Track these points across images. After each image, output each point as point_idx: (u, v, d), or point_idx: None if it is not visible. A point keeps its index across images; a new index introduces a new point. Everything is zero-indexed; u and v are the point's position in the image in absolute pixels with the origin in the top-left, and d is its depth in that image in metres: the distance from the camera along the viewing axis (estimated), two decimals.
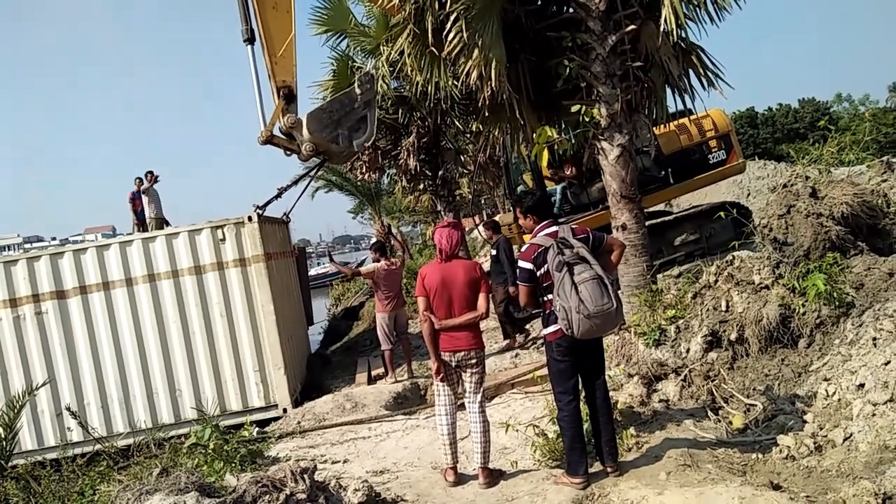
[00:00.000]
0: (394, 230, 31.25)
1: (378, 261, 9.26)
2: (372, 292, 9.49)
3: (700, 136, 11.47)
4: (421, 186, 16.09)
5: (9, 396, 8.37)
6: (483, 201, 33.03)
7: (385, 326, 9.04)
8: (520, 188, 11.84)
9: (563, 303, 4.04)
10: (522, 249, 4.39)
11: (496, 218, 13.96)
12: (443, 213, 15.78)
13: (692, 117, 11.08)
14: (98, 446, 7.21)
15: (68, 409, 8.16)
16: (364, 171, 15.82)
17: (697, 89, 7.79)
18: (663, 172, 11.04)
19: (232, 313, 8.94)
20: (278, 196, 9.89)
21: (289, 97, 8.34)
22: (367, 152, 13.99)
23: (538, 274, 4.27)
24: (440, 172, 15.23)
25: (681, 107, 8.14)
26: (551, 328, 4.31)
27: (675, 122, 10.85)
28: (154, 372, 8.88)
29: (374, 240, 20.09)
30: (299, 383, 9.78)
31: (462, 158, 15.92)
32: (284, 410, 8.69)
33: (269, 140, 8.49)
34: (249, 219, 8.96)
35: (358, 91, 8.68)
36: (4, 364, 8.78)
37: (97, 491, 5.84)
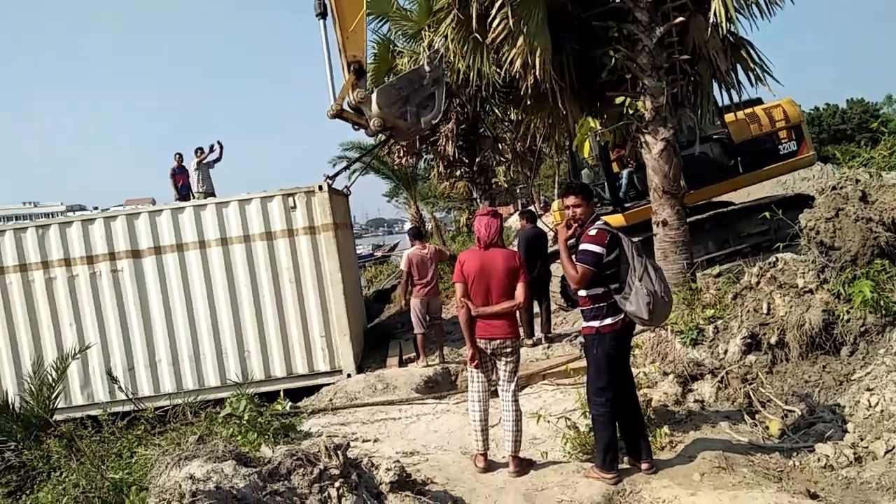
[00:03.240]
0: (426, 213, 31.15)
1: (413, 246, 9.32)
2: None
3: (771, 125, 11.27)
4: (458, 173, 16.08)
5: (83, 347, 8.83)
6: (518, 190, 32.88)
7: (418, 311, 9.07)
8: (584, 171, 11.76)
9: (648, 287, 4.07)
10: (591, 233, 4.24)
11: (530, 207, 13.90)
12: (478, 200, 15.76)
13: (763, 106, 10.90)
14: (160, 405, 7.36)
15: (109, 372, 8.42)
16: (401, 155, 15.85)
17: (745, 85, 7.65)
18: (732, 161, 10.86)
19: (301, 280, 9.21)
20: (346, 168, 10.08)
21: (359, 72, 8.40)
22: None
23: (605, 260, 4.18)
24: (477, 160, 15.21)
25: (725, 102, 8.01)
26: (609, 320, 4.22)
27: (746, 111, 10.68)
28: (224, 333, 9.21)
29: (408, 225, 20.12)
30: (360, 351, 10.00)
31: (500, 146, 15.84)
32: (349, 375, 8.97)
33: (339, 114, 8.59)
34: (320, 188, 9.22)
35: (427, 68, 8.69)
36: (80, 318, 9.15)
37: (135, 453, 6.02)
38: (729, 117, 10.80)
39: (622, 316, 4.20)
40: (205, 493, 3.40)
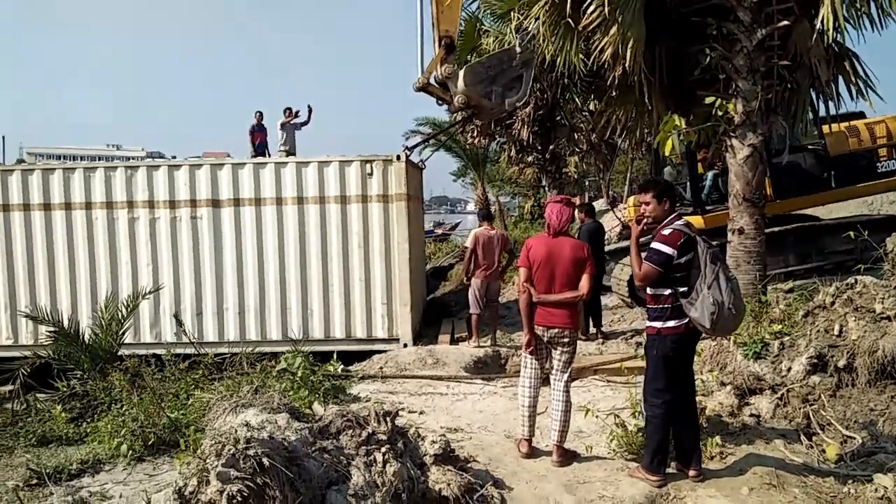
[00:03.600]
0: (491, 196, 31.01)
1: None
2: (462, 256, 9.61)
3: (871, 141, 10.78)
4: (529, 159, 15.94)
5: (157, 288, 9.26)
6: (587, 183, 32.40)
7: (477, 291, 9.10)
8: (666, 169, 11.54)
9: (715, 296, 3.96)
10: (665, 233, 4.16)
11: (590, 202, 13.69)
12: (546, 188, 15.61)
13: (865, 121, 10.43)
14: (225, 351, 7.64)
15: (176, 316, 8.79)
16: (475, 135, 15.80)
17: (844, 97, 7.30)
18: (825, 174, 10.45)
19: (369, 246, 9.42)
20: (426, 141, 10.19)
21: (449, 47, 8.44)
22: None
23: (674, 262, 4.10)
24: (550, 147, 15.02)
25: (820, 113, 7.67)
26: (672, 322, 4.16)
27: (846, 124, 10.22)
28: (290, 289, 9.50)
29: (471, 206, 20.10)
30: (418, 322, 10.16)
31: (575, 136, 15.59)
32: (405, 345, 9.17)
33: (424, 88, 8.67)
34: (398, 157, 9.38)
35: (518, 50, 8.67)
36: (157, 260, 9.58)
37: (191, 395, 6.29)
38: (827, 128, 10.37)
39: (686, 321, 4.11)
40: (258, 441, 3.53)
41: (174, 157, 10.59)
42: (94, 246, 9.60)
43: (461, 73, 8.42)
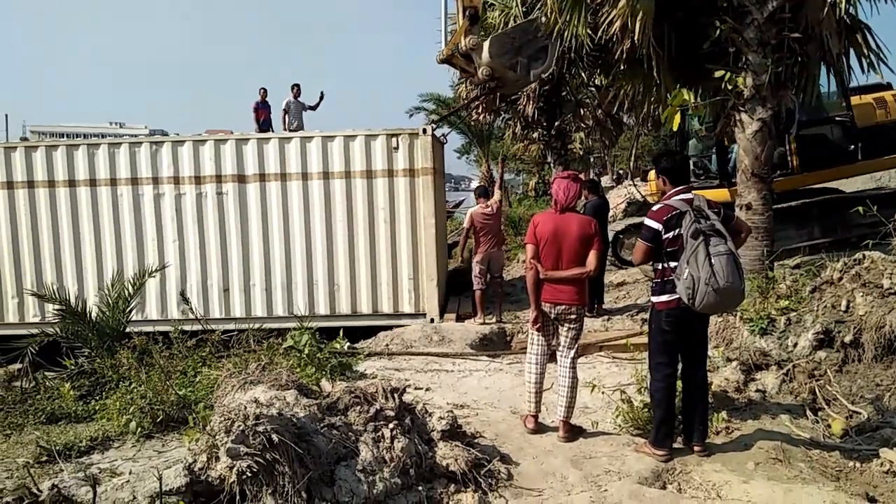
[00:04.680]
0: (496, 172, 30.93)
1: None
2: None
3: None
4: (534, 135, 15.79)
5: (183, 266, 9.48)
6: (592, 159, 32.21)
7: (478, 267, 9.08)
8: (691, 142, 11.46)
9: (692, 271, 3.92)
10: (654, 209, 4.23)
11: (594, 178, 13.64)
12: (552, 165, 15.48)
13: (893, 92, 10.34)
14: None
15: (182, 294, 8.80)
16: (480, 111, 15.65)
17: (855, 70, 7.20)
18: (852, 147, 10.37)
19: (395, 221, 9.39)
20: (451, 114, 10.08)
21: (473, 18, 8.34)
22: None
23: (664, 237, 4.13)
24: (556, 123, 14.86)
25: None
26: (664, 297, 4.18)
27: (874, 95, 10.10)
28: (317, 265, 9.50)
29: (475, 183, 20.03)
30: (444, 297, 10.16)
31: (581, 112, 15.44)
32: (432, 320, 9.20)
33: (448, 59, 8.57)
34: (424, 131, 9.33)
35: (543, 19, 8.51)
36: (183, 235, 9.58)
37: (199, 373, 6.32)
38: (854, 100, 10.27)
39: (678, 295, 4.10)
40: (267, 417, 3.55)
41: (177, 135, 10.44)
42: (120, 223, 9.57)
43: (486, 44, 8.28)
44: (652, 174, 12.17)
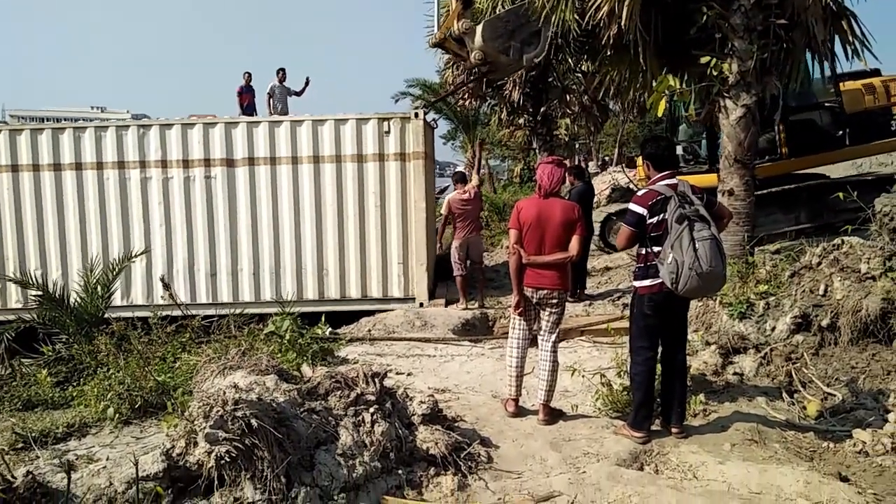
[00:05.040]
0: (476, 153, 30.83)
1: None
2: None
3: (887, 99, 10.75)
4: (520, 121, 15.77)
5: (170, 250, 9.36)
6: (577, 146, 32.24)
7: (457, 253, 9.05)
8: (681, 127, 11.47)
9: (676, 256, 3.94)
10: (639, 194, 4.24)
11: (580, 164, 13.65)
12: (537, 151, 15.49)
13: (882, 78, 10.41)
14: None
15: (162, 279, 8.73)
16: (466, 97, 15.59)
17: (840, 57, 7.25)
18: (841, 132, 10.44)
19: (386, 205, 9.32)
20: (441, 100, 9.93)
21: (466, 2, 8.26)
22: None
23: (648, 222, 4.14)
24: (542, 109, 14.85)
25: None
26: (647, 282, 4.20)
27: (863, 81, 10.15)
28: (306, 249, 9.44)
29: (460, 169, 19.98)
30: (433, 282, 10.12)
31: (567, 98, 15.43)
32: (421, 304, 9.17)
33: (441, 43, 8.50)
34: (416, 115, 9.25)
35: (533, 4, 8.45)
36: (170, 219, 9.46)
37: (178, 359, 6.28)
38: (844, 86, 10.33)
39: (661, 280, 4.12)
40: (247, 402, 3.54)
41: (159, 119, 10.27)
42: (106, 207, 9.45)
43: (479, 28, 8.22)
44: (640, 160, 12.24)
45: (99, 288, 7.39)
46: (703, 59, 6.83)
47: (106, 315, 7.27)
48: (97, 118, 78.10)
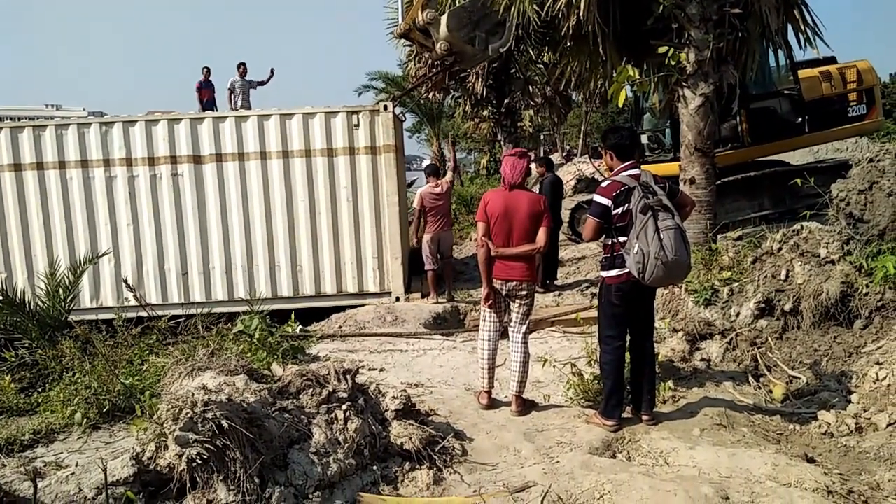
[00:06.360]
0: (447, 152, 30.91)
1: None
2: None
3: (843, 86, 11.01)
4: (484, 113, 15.81)
5: (139, 250, 9.17)
6: (542, 137, 32.45)
7: (429, 247, 9.05)
8: (646, 116, 11.56)
9: (642, 246, 3.99)
10: (603, 185, 4.28)
11: (549, 155, 13.76)
12: (502, 142, 15.55)
13: (837, 66, 10.64)
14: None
15: (125, 281, 8.54)
16: (429, 89, 15.55)
17: (793, 46, 7.41)
18: (800, 119, 10.65)
19: (358, 199, 9.23)
20: (408, 93, 9.89)
21: None
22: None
23: (613, 212, 4.18)
24: (505, 101, 14.90)
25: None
26: (614, 272, 4.25)
27: (820, 69, 10.36)
28: (279, 246, 9.30)
29: (426, 162, 19.92)
30: (408, 276, 10.06)
31: (530, 90, 15.51)
32: (397, 299, 9.13)
33: (406, 34, 8.42)
34: (385, 108, 9.13)
35: None
36: (138, 219, 9.23)
37: (146, 361, 6.16)
38: (802, 73, 10.53)
39: (627, 270, 4.17)
40: (216, 403, 3.48)
41: (117, 116, 10.00)
42: (71, 207, 9.18)
43: (444, 18, 8.17)
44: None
45: (61, 291, 7.20)
46: (661, 49, 6.92)
47: (73, 318, 7.08)
48: (52, 116, 76.03)
